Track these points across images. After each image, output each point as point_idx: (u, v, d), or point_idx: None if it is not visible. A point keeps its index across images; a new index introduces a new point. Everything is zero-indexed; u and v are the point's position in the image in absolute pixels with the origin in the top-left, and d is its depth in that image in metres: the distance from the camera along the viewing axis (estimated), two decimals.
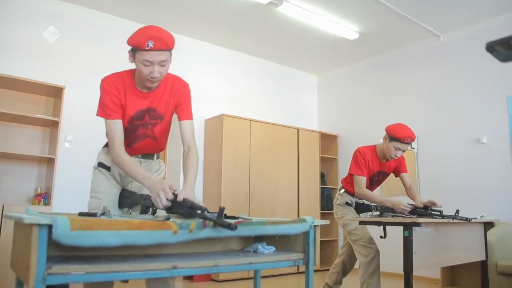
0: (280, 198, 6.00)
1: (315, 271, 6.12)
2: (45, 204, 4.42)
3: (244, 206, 5.58)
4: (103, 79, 2.12)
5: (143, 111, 2.16)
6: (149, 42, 1.91)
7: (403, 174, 3.76)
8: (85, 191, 2.31)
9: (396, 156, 3.46)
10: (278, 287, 4.99)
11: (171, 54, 2.04)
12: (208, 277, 5.28)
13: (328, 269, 3.89)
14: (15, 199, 4.49)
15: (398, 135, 3.38)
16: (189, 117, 2.26)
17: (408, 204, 3.24)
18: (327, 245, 6.73)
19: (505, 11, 5.03)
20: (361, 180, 3.47)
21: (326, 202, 6.68)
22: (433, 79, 5.80)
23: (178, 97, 2.22)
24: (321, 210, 6.52)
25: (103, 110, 2.09)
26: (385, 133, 3.51)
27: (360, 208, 3.64)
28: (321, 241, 6.49)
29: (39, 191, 4.55)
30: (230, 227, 1.42)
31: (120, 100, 2.10)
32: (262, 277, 5.28)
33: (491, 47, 0.86)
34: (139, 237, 1.38)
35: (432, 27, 5.52)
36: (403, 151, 3.46)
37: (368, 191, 3.47)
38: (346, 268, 3.74)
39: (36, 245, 1.25)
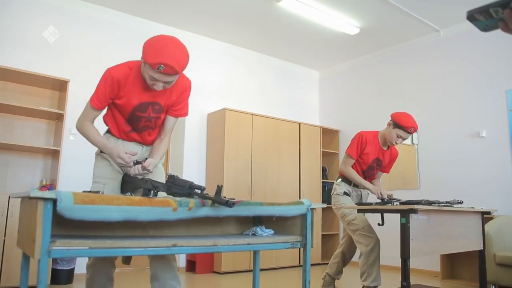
0: (281, 192, 6.05)
1: (316, 264, 6.14)
2: None
3: (246, 199, 5.62)
4: (109, 70, 2.17)
5: (147, 103, 2.22)
6: (160, 66, 1.96)
7: (382, 173, 3.96)
8: (89, 183, 2.35)
9: (397, 143, 3.56)
10: (279, 279, 5.05)
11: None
12: (210, 269, 5.34)
13: (328, 263, 3.95)
14: (21, 190, 4.55)
15: (402, 123, 3.47)
16: (184, 114, 2.41)
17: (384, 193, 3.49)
18: (328, 239, 6.79)
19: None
20: (350, 161, 3.64)
21: (328, 196, 6.71)
22: (433, 74, 5.83)
23: (181, 96, 2.33)
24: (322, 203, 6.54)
25: (95, 98, 2.20)
26: (390, 119, 3.60)
27: None
28: (322, 235, 6.55)
29: (44, 182, 4.61)
30: (227, 204, 1.48)
31: (115, 95, 2.18)
32: (263, 269, 5.36)
33: (472, 16, 0.87)
34: (140, 212, 1.44)
35: (432, 22, 5.55)
36: (404, 139, 3.55)
37: (352, 171, 3.62)
38: (346, 258, 3.78)
39: (41, 219, 1.31)
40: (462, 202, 3.19)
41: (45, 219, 1.32)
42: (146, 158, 2.14)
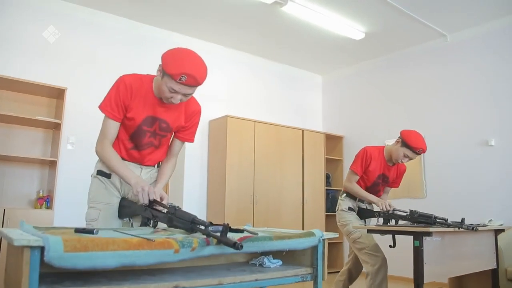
0: (284, 200, 5.92)
1: None
2: (47, 208, 4.35)
3: (249, 208, 5.50)
4: (123, 77, 2.10)
5: (154, 118, 2.14)
6: (182, 76, 1.90)
7: (390, 188, 3.80)
8: (87, 193, 2.23)
9: (402, 162, 3.42)
10: None
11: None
12: None
13: (333, 272, 3.83)
14: (17, 202, 4.42)
15: (411, 143, 3.30)
16: (190, 140, 2.35)
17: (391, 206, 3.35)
18: (332, 248, 6.65)
19: None
20: (354, 177, 3.51)
21: (331, 204, 6.59)
22: (440, 80, 5.69)
23: (190, 121, 2.28)
24: (326, 212, 6.43)
25: (108, 106, 2.06)
26: (399, 136, 3.43)
27: (364, 213, 3.56)
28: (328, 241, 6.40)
29: (41, 194, 4.48)
30: (235, 246, 1.34)
31: (128, 104, 2.08)
32: None
33: None
34: (138, 257, 1.30)
35: (439, 27, 5.41)
36: (410, 159, 3.39)
37: (356, 186, 3.50)
38: (352, 276, 3.67)
39: (27, 269, 1.17)
40: (477, 229, 2.98)
41: (32, 269, 1.18)
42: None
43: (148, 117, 2.12)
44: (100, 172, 2.17)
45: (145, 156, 2.23)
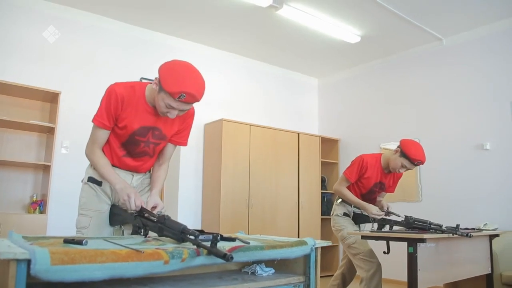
0: (280, 203, 5.90)
1: None
2: (40, 212, 4.33)
3: (244, 212, 5.48)
4: (113, 87, 2.05)
5: (148, 128, 2.11)
6: (181, 95, 1.87)
7: (386, 193, 3.76)
8: None
9: (400, 171, 3.39)
10: None
11: None
12: None
13: (327, 275, 3.81)
14: (10, 207, 4.39)
15: (410, 155, 3.26)
16: (183, 143, 2.32)
17: (380, 210, 3.37)
18: (327, 251, 6.64)
19: (509, 15, 4.92)
20: (345, 183, 3.48)
21: (327, 207, 6.58)
22: (435, 83, 5.69)
23: (184, 124, 2.26)
24: (321, 215, 6.42)
25: (99, 116, 2.05)
26: (398, 145, 3.39)
27: (358, 218, 3.54)
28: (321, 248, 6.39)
29: (34, 198, 4.45)
30: (225, 258, 1.33)
31: (119, 114, 2.05)
32: None
33: None
34: (127, 269, 1.29)
35: (435, 30, 5.41)
36: (408, 169, 3.36)
37: (346, 190, 3.47)
38: (346, 280, 3.66)
39: (13, 282, 1.16)
40: (471, 236, 2.94)
41: (18, 283, 1.16)
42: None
43: (142, 128, 2.09)
44: (91, 179, 2.16)
45: (140, 165, 2.22)
